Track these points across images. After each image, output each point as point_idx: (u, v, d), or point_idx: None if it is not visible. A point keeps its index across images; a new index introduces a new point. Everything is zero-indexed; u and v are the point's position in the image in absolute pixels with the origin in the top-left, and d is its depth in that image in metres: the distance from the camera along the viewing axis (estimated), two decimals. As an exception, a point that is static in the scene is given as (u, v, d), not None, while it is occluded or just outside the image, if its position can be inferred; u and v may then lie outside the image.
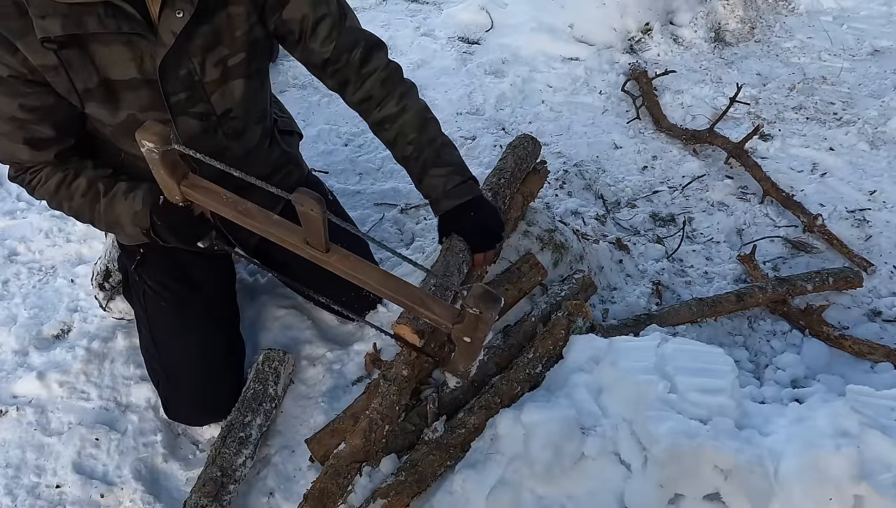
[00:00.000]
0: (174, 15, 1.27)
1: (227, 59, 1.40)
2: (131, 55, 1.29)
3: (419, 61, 3.35)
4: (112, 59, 1.28)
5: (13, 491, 1.53)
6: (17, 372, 1.77)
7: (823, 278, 2.06)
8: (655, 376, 1.42)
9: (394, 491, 1.39)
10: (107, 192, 1.42)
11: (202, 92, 1.41)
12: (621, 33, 3.50)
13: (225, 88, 1.44)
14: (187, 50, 1.33)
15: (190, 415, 1.65)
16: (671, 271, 2.21)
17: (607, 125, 2.94)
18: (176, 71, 1.35)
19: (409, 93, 1.57)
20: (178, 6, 1.27)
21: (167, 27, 1.28)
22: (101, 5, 1.21)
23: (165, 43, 1.29)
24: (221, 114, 1.47)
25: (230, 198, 1.22)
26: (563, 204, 2.43)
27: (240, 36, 1.40)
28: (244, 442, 1.52)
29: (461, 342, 1.20)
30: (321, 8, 1.45)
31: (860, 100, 3.11)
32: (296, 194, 1.08)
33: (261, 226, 1.21)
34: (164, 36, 1.29)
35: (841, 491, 1.20)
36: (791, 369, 1.86)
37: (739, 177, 2.65)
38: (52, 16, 1.19)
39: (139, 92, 1.34)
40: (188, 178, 1.24)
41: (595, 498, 1.33)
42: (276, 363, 1.66)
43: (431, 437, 1.47)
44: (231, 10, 1.36)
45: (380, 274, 1.21)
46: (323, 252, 1.19)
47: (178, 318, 1.62)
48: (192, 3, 1.28)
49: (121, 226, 1.45)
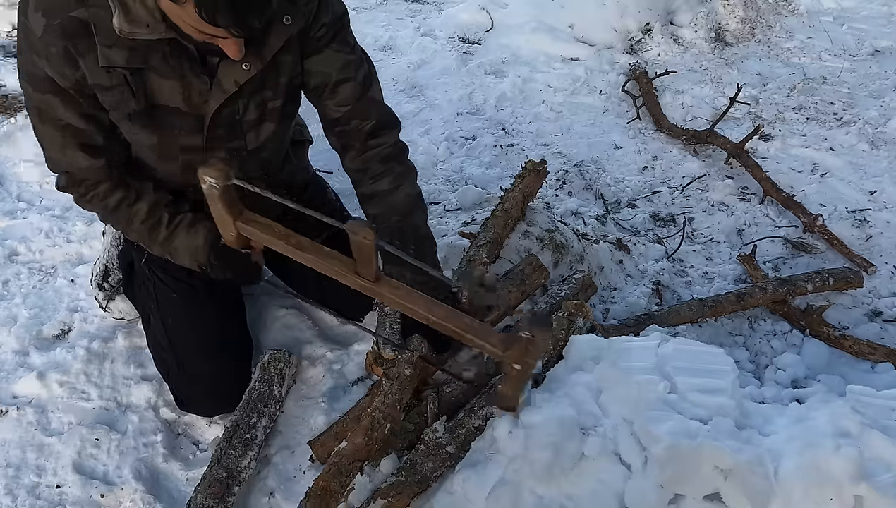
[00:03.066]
0: (241, 67, 1.30)
1: (267, 102, 1.43)
2: (181, 89, 1.32)
3: (419, 61, 3.35)
4: (163, 88, 1.31)
5: (13, 491, 1.52)
6: (18, 372, 1.77)
7: (824, 278, 2.06)
8: (656, 376, 1.42)
9: (394, 492, 1.39)
10: (169, 223, 1.45)
11: (239, 130, 1.44)
12: (621, 33, 3.50)
13: (260, 128, 1.46)
14: (237, 92, 1.36)
15: (203, 406, 1.66)
16: (671, 271, 2.21)
17: (607, 125, 2.94)
18: (221, 110, 1.37)
19: (408, 176, 1.57)
20: (246, 58, 1.28)
21: (230, 75, 1.31)
22: (168, 43, 1.24)
23: (226, 89, 1.32)
24: (252, 150, 1.49)
25: (282, 233, 1.28)
26: (564, 204, 2.43)
27: (283, 83, 1.43)
28: (249, 444, 1.52)
29: (511, 369, 1.22)
30: (348, 72, 1.47)
31: (860, 100, 3.11)
32: (349, 223, 1.11)
33: (313, 259, 1.25)
34: (226, 83, 1.32)
35: (841, 492, 1.19)
36: (791, 369, 1.86)
37: (740, 178, 2.65)
38: (118, 47, 1.22)
39: (181, 120, 1.37)
40: (243, 214, 1.29)
41: (595, 498, 1.33)
42: (281, 364, 1.66)
43: (431, 437, 1.47)
44: (280, 57, 1.37)
45: (428, 303, 1.24)
46: (372, 281, 1.22)
47: (190, 309, 1.63)
48: (262, 59, 1.31)
49: (177, 256, 1.48)
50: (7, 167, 2.47)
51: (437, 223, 2.28)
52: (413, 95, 3.12)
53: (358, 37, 1.53)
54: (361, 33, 3.58)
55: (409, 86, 3.18)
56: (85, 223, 2.20)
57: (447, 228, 2.21)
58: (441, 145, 2.75)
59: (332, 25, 1.42)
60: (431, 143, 2.77)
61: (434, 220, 2.30)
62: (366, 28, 3.65)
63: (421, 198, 1.59)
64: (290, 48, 1.38)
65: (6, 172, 2.46)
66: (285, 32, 1.31)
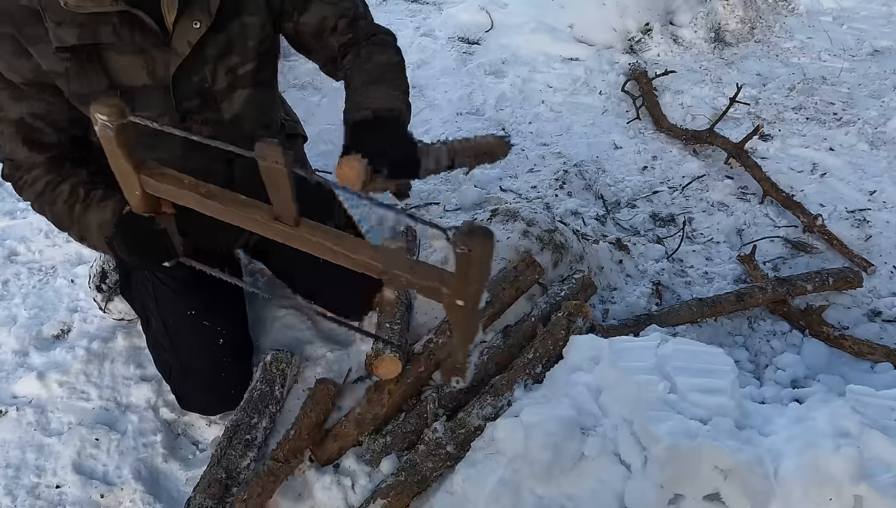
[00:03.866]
0: (191, 25, 1.27)
1: (236, 67, 1.40)
2: (143, 63, 1.29)
3: (419, 61, 3.35)
4: (124, 66, 1.28)
5: (13, 492, 1.52)
6: (17, 373, 1.77)
7: (823, 278, 2.06)
8: (655, 376, 1.42)
9: (394, 492, 1.39)
10: (85, 198, 1.36)
11: (212, 100, 1.41)
12: (621, 33, 3.50)
13: (233, 96, 1.44)
14: (201, 58, 1.33)
15: (205, 404, 1.65)
16: (671, 271, 2.21)
17: (607, 125, 2.94)
18: (189, 78, 1.35)
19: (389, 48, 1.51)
20: (195, 17, 1.27)
21: (183, 37, 1.28)
22: (117, 15, 1.21)
23: (180, 52, 1.29)
24: (230, 121, 1.46)
25: (190, 183, 1.08)
26: (563, 204, 2.43)
27: (252, 46, 1.40)
28: (250, 445, 1.52)
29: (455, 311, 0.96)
30: (342, 4, 1.45)
31: (860, 100, 3.11)
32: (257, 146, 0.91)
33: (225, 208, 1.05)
34: (179, 45, 1.29)
35: (841, 491, 1.19)
36: (791, 369, 1.86)
37: (739, 178, 2.65)
38: (68, 24, 1.20)
39: (150, 98, 1.34)
40: (146, 164, 1.09)
41: (595, 498, 1.33)
42: (283, 364, 1.66)
43: (431, 437, 1.47)
44: (246, 19, 1.36)
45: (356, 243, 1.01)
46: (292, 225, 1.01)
47: (189, 308, 1.62)
48: (209, 14, 1.28)
49: (90, 235, 1.36)
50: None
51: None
52: (413, 95, 3.09)
53: (357, 37, 1.52)
54: (361, 33, 3.59)
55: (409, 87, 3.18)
56: (84, 223, 2.20)
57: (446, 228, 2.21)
58: (441, 145, 2.75)
59: None
60: (431, 143, 2.77)
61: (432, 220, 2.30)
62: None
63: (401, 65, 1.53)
64: (255, 9, 1.36)
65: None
66: None
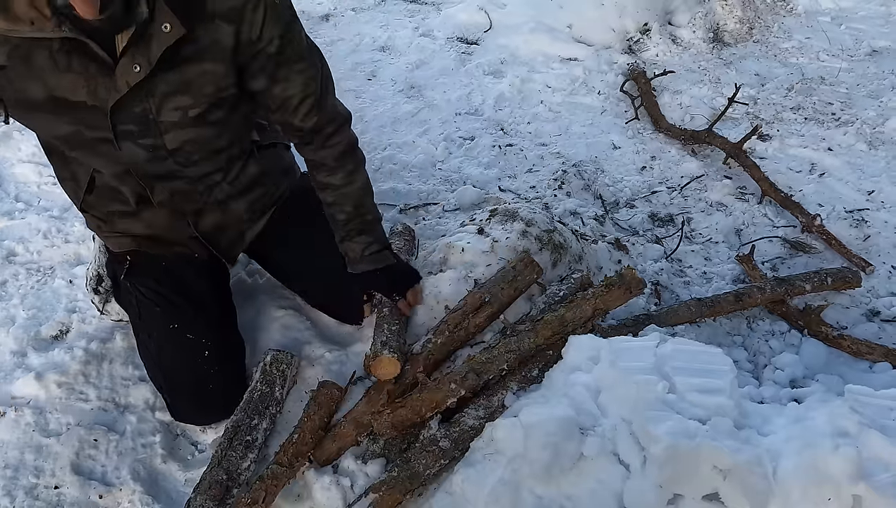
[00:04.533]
0: (132, 67, 1.24)
1: (187, 109, 1.36)
2: (84, 83, 1.25)
3: (418, 61, 3.35)
4: (62, 82, 1.25)
5: (12, 492, 1.52)
6: (16, 373, 1.76)
7: (822, 278, 2.06)
8: (654, 376, 1.42)
9: (385, 486, 1.40)
10: None
11: (155, 129, 1.37)
12: (620, 34, 3.50)
13: (181, 133, 1.40)
14: (147, 90, 1.29)
15: (194, 416, 1.65)
16: (670, 271, 2.21)
17: (606, 125, 2.94)
18: (130, 108, 1.31)
19: (359, 169, 1.65)
20: (137, 60, 1.23)
21: (123, 76, 1.25)
22: (58, 41, 1.17)
23: (119, 89, 1.26)
24: (172, 150, 1.42)
25: None
26: (562, 204, 2.43)
27: (209, 92, 1.36)
28: (250, 446, 1.51)
29: None
30: (309, 88, 1.45)
31: (858, 100, 3.11)
32: None
33: None
34: (119, 82, 1.26)
35: (840, 491, 1.19)
36: (790, 369, 1.86)
37: (738, 178, 2.65)
38: None
39: (86, 113, 1.30)
40: None
41: (594, 498, 1.33)
42: (283, 365, 1.65)
43: (425, 434, 1.47)
44: (207, 66, 1.31)
45: None
46: None
47: (173, 323, 1.59)
48: (149, 62, 1.24)
49: None
50: (5, 167, 2.47)
51: (435, 223, 2.28)
52: (411, 96, 3.12)
53: (356, 37, 1.54)
54: (360, 34, 3.59)
55: (408, 87, 3.18)
56: (83, 224, 2.20)
57: (445, 228, 2.21)
58: (439, 145, 2.75)
59: (286, 37, 1.36)
60: (430, 144, 2.77)
61: (433, 220, 2.30)
62: (364, 28, 3.65)
63: (368, 185, 1.69)
64: (219, 58, 1.31)
65: (4, 173, 2.45)
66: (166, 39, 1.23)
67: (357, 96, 3.10)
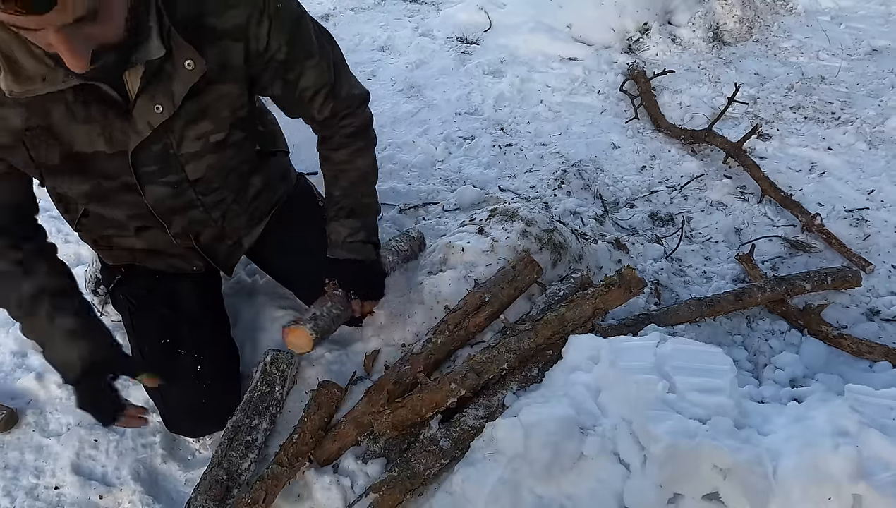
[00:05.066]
0: (153, 108, 1.20)
1: (208, 134, 1.32)
2: (100, 130, 1.20)
3: (418, 61, 3.35)
4: (78, 134, 1.20)
5: (12, 493, 1.52)
6: (16, 373, 1.77)
7: (822, 277, 2.06)
8: (654, 376, 1.42)
9: (386, 486, 1.40)
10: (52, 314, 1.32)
11: (176, 163, 1.33)
12: (619, 33, 3.50)
13: (202, 161, 1.36)
14: (165, 128, 1.25)
15: (189, 429, 1.63)
16: (670, 271, 2.21)
17: (606, 125, 2.94)
18: (149, 147, 1.27)
19: (367, 149, 1.60)
20: (157, 100, 1.19)
21: (144, 117, 1.20)
22: (71, 91, 1.12)
23: (139, 131, 1.22)
24: (195, 180, 1.39)
25: None
26: (562, 204, 2.43)
27: (226, 115, 1.33)
28: (250, 446, 1.51)
29: None
30: (322, 79, 1.42)
31: (858, 99, 3.11)
32: None
33: None
34: (140, 124, 1.21)
35: (840, 491, 1.20)
36: (790, 368, 1.87)
37: (738, 177, 2.65)
38: (11, 107, 1.11)
39: (105, 163, 1.26)
40: None
41: (594, 498, 1.33)
42: (283, 365, 1.65)
43: (425, 434, 1.47)
44: (223, 89, 1.28)
45: None
46: None
47: (164, 337, 1.57)
48: (173, 102, 1.20)
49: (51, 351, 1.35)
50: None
51: (435, 223, 2.28)
52: (411, 95, 3.12)
53: (356, 37, 1.53)
54: (360, 34, 3.59)
55: (408, 87, 3.18)
56: (83, 224, 2.20)
57: (445, 228, 2.21)
58: (439, 145, 2.75)
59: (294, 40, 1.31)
60: (430, 143, 2.77)
61: (433, 220, 2.30)
62: (364, 28, 3.65)
63: (373, 168, 1.63)
64: (235, 78, 1.28)
65: (4, 173, 2.45)
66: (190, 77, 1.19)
67: (357, 96, 3.10)
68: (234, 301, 1.90)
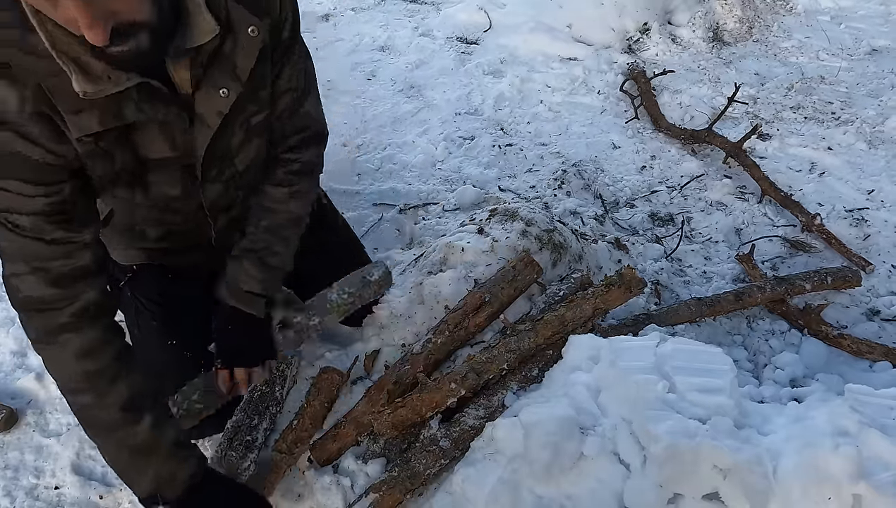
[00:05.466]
0: (217, 94, 1.15)
1: (251, 117, 1.27)
2: (163, 135, 1.16)
3: (417, 61, 3.35)
4: (148, 140, 1.15)
5: (12, 493, 1.52)
6: (16, 373, 1.77)
7: (822, 277, 2.06)
8: (654, 375, 1.42)
9: (386, 486, 1.40)
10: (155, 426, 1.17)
11: (229, 155, 1.30)
12: (619, 33, 3.50)
13: (249, 147, 1.32)
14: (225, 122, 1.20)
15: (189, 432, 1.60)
16: (670, 271, 2.21)
17: (606, 125, 2.94)
18: (215, 144, 1.23)
19: (306, 195, 1.46)
20: (220, 83, 1.14)
21: (211, 107, 1.16)
22: (135, 89, 1.07)
23: (210, 125, 1.18)
24: (243, 171, 1.36)
25: None
26: (562, 204, 2.43)
27: (265, 94, 1.27)
28: (250, 447, 1.51)
29: None
30: (294, 81, 1.32)
31: (858, 99, 3.11)
32: None
33: None
34: (208, 117, 1.17)
35: (840, 490, 1.20)
36: (790, 368, 1.87)
37: (738, 177, 2.65)
38: (86, 110, 1.05)
39: (171, 169, 1.23)
40: None
41: (594, 498, 1.33)
42: (283, 365, 1.65)
43: (425, 434, 1.47)
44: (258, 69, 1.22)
45: None
46: None
47: (168, 337, 1.56)
48: (239, 80, 1.15)
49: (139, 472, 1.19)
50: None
51: (435, 223, 2.28)
52: (411, 95, 3.12)
53: (356, 37, 1.52)
54: (360, 34, 3.59)
55: (408, 87, 3.18)
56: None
57: (445, 228, 2.21)
58: (439, 145, 2.75)
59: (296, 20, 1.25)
60: (430, 143, 2.77)
61: (433, 220, 2.31)
62: (364, 28, 3.65)
63: (304, 219, 1.48)
64: (265, 57, 1.21)
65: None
66: (255, 44, 1.14)
67: (357, 96, 3.10)
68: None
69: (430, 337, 1.66)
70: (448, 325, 1.67)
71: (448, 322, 1.68)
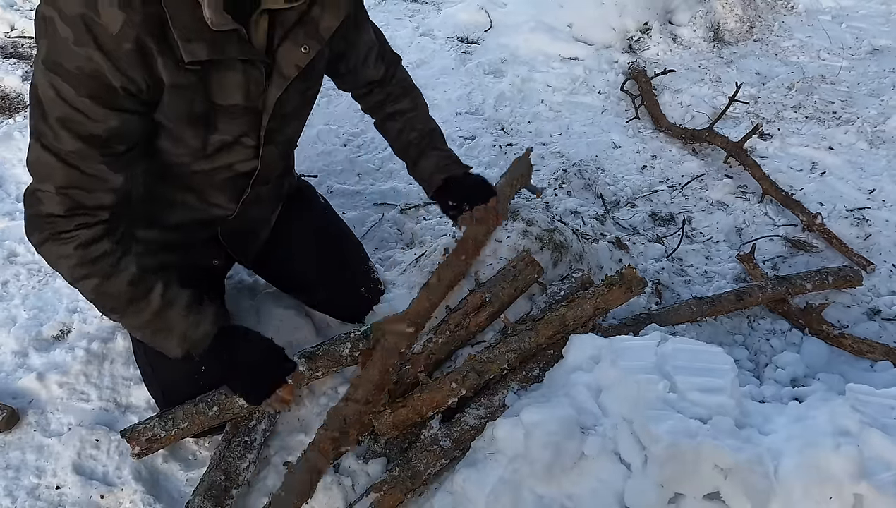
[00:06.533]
0: (299, 50, 1.25)
1: (307, 89, 1.40)
2: (242, 81, 1.23)
3: (418, 61, 3.35)
4: (227, 84, 1.23)
5: (13, 493, 1.52)
6: (17, 373, 1.77)
7: (823, 277, 2.06)
8: (655, 375, 1.42)
9: (387, 486, 1.40)
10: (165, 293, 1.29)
11: (285, 120, 1.39)
12: (620, 33, 3.50)
13: (301, 114, 1.45)
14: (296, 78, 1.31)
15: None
16: (671, 270, 2.21)
17: (606, 125, 2.94)
18: (280, 101, 1.31)
19: (420, 94, 1.71)
20: (302, 41, 1.25)
21: (290, 60, 1.26)
22: (235, 32, 1.15)
23: (287, 76, 1.27)
24: (284, 141, 1.47)
25: None
26: (563, 203, 2.43)
27: (319, 69, 1.41)
28: (249, 447, 1.51)
29: None
30: (372, 35, 1.53)
31: (859, 98, 3.11)
32: None
33: None
34: (287, 69, 1.26)
35: (841, 490, 1.19)
36: (791, 368, 1.87)
37: (739, 177, 2.65)
38: (198, 40, 1.11)
39: (238, 119, 1.29)
40: None
41: (595, 498, 1.33)
42: None
43: (426, 434, 1.47)
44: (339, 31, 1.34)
45: None
46: None
47: None
48: (320, 38, 1.26)
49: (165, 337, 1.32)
50: (6, 168, 2.47)
51: (436, 223, 2.28)
52: (412, 95, 3.12)
53: (357, 37, 1.54)
54: (360, 33, 3.58)
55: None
56: (84, 224, 2.20)
57: (446, 228, 2.21)
58: (440, 145, 2.75)
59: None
60: (430, 143, 2.77)
61: (433, 220, 2.30)
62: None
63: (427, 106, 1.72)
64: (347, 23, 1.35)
65: (5, 173, 2.45)
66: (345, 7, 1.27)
67: (357, 96, 3.10)
68: (235, 300, 1.90)
69: (431, 336, 1.66)
70: (449, 325, 1.67)
71: (449, 321, 1.68)
